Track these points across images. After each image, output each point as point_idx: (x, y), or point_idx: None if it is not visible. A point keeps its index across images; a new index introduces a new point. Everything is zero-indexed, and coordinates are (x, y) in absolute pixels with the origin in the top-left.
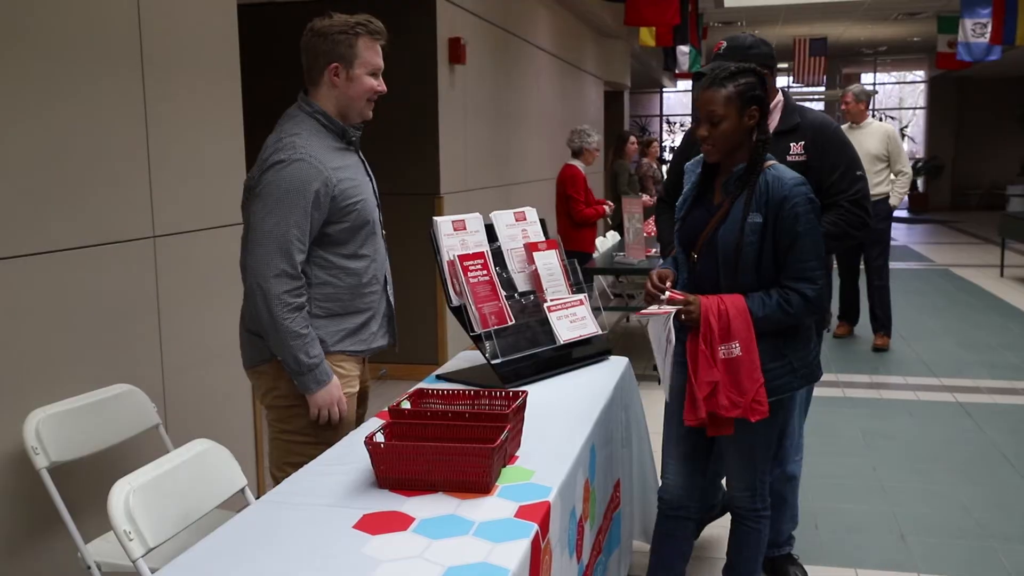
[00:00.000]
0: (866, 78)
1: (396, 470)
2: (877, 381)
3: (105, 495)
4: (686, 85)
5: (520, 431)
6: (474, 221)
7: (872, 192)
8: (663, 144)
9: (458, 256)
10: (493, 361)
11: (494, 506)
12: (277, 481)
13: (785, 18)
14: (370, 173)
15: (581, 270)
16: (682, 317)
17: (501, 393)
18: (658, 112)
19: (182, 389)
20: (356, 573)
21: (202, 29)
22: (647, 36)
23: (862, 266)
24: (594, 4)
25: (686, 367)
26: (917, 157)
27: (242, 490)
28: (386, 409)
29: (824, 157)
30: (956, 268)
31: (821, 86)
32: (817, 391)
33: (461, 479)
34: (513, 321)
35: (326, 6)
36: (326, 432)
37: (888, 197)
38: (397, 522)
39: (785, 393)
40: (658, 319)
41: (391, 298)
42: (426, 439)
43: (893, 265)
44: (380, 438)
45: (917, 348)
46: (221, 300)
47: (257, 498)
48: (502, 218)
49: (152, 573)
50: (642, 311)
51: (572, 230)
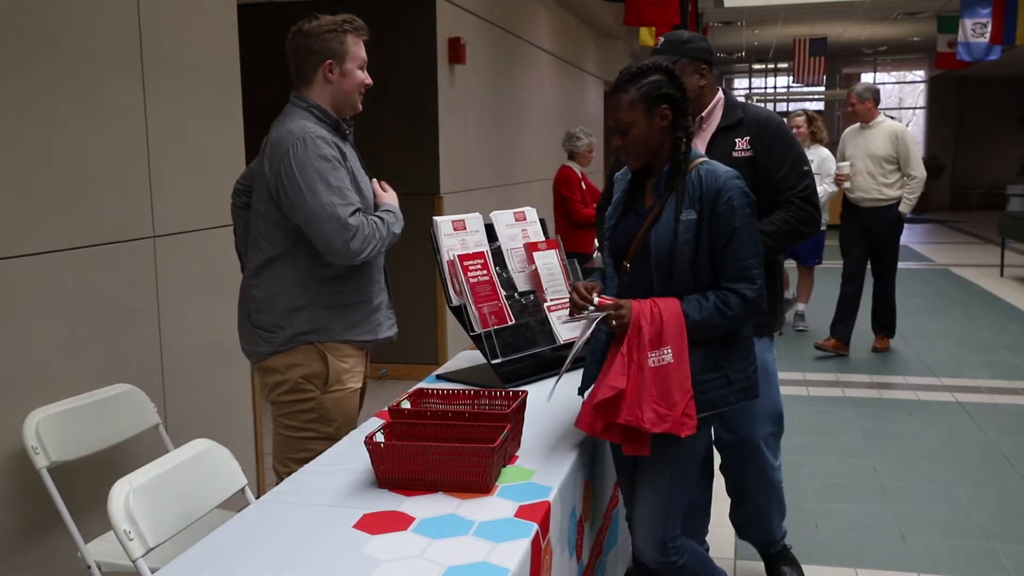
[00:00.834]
0: (866, 78)
1: (396, 470)
2: (877, 381)
3: (105, 495)
4: None
5: (520, 431)
6: (474, 221)
7: (880, 196)
8: None
9: (458, 256)
10: (493, 361)
11: (494, 506)
12: (279, 476)
13: (785, 18)
14: (364, 165)
15: (581, 270)
16: (612, 323)
17: (501, 393)
18: None
19: (182, 389)
20: (356, 573)
21: (202, 29)
22: (647, 36)
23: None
24: (594, 4)
25: None
26: None
27: (242, 490)
28: (386, 409)
29: (771, 153)
30: (956, 268)
31: (821, 86)
32: (817, 391)
33: (461, 479)
34: (513, 321)
35: (326, 6)
36: (330, 428)
37: (898, 203)
38: (397, 522)
39: (719, 408)
40: (582, 331)
41: (390, 291)
42: (426, 439)
43: None
44: (380, 438)
45: (917, 348)
46: (221, 300)
47: (257, 498)
48: (502, 218)
49: (152, 573)
50: (567, 320)
51: (570, 231)
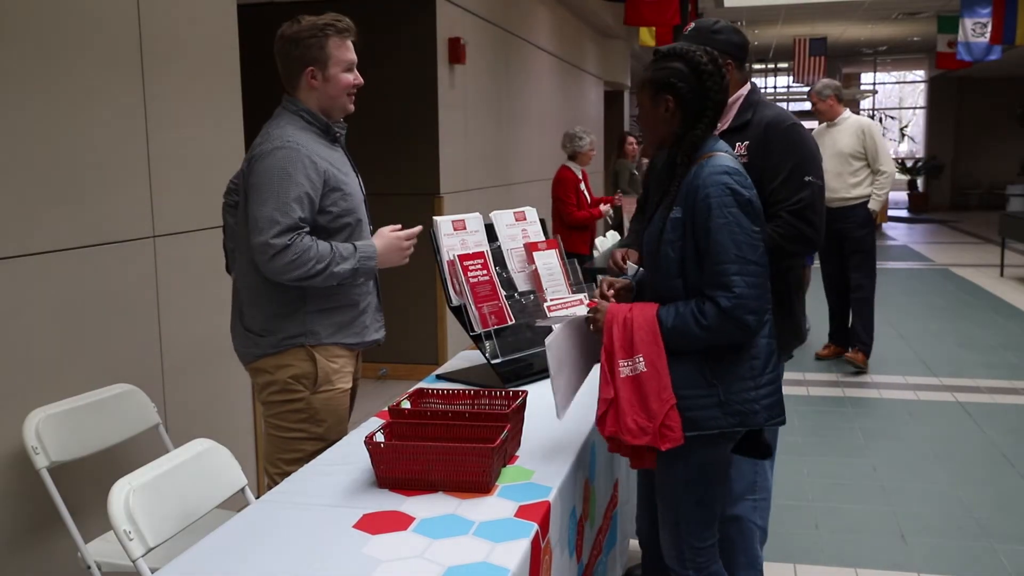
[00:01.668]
0: (866, 78)
1: (396, 470)
2: (877, 381)
3: (105, 495)
4: None
5: (520, 431)
6: (474, 221)
7: (848, 195)
8: None
9: (458, 256)
10: (493, 361)
11: (494, 506)
12: (270, 477)
13: (785, 18)
14: (355, 169)
15: (581, 271)
16: (590, 327)
17: (501, 393)
18: None
19: (182, 389)
20: (356, 573)
21: (202, 29)
22: (647, 36)
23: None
24: (594, 4)
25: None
26: (917, 157)
27: (242, 490)
28: (386, 409)
29: (768, 158)
30: (956, 268)
31: None
32: (817, 391)
33: (461, 479)
34: (513, 321)
35: (325, 6)
36: (320, 428)
37: (868, 200)
38: (397, 522)
39: (708, 430)
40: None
41: (379, 293)
42: (426, 439)
43: (893, 265)
44: (380, 438)
45: (917, 348)
46: (221, 300)
47: (257, 498)
48: (502, 218)
49: (152, 573)
50: (550, 316)
51: (564, 232)
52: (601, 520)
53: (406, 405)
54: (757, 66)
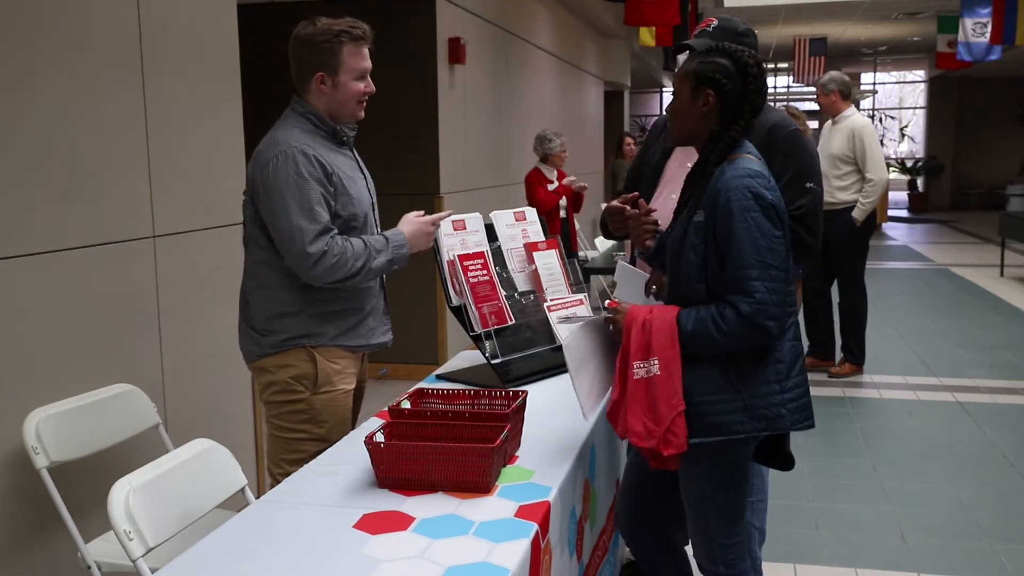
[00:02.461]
0: (866, 78)
1: (396, 470)
2: (877, 381)
3: (105, 495)
4: None
5: (520, 431)
6: (474, 221)
7: (830, 200)
8: None
9: (458, 256)
10: (493, 361)
11: (494, 506)
12: (273, 477)
13: (785, 18)
14: (365, 171)
15: (581, 270)
16: (611, 327)
17: (501, 393)
18: (658, 112)
19: (182, 389)
20: (356, 573)
21: (202, 29)
22: (647, 36)
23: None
24: (594, 4)
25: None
26: (917, 157)
27: (242, 490)
28: (386, 409)
29: (770, 163)
30: (956, 268)
31: None
32: (817, 391)
33: (461, 479)
34: (513, 321)
35: (326, 6)
36: (321, 429)
37: (852, 208)
38: (397, 522)
39: (733, 435)
40: (578, 329)
41: (386, 296)
42: (426, 439)
43: (893, 265)
44: (380, 438)
45: (917, 348)
46: (221, 300)
47: (257, 498)
48: (502, 218)
49: (152, 573)
50: (564, 320)
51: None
52: (604, 520)
53: (406, 405)
54: None
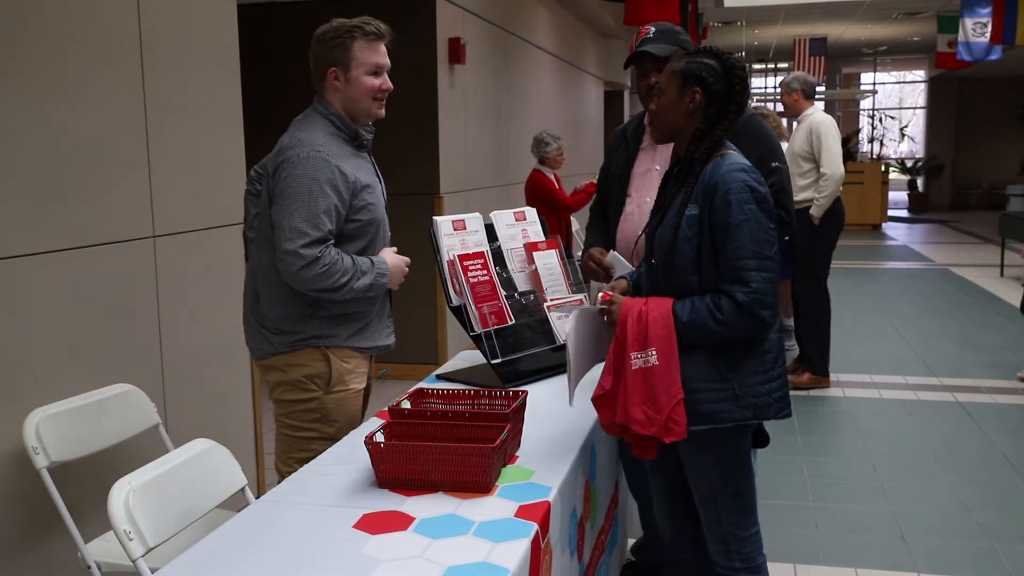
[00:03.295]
0: (866, 78)
1: (396, 470)
2: (877, 381)
3: (105, 495)
4: None
5: (520, 431)
6: (474, 221)
7: (795, 198)
8: None
9: (458, 256)
10: (493, 361)
11: (494, 506)
12: (282, 475)
13: (785, 18)
14: (380, 176)
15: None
16: (604, 318)
17: (501, 393)
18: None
19: (182, 389)
20: (356, 573)
21: (202, 29)
22: None
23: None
24: (594, 4)
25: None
26: (917, 157)
27: (242, 490)
28: (386, 409)
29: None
30: (956, 268)
31: (821, 86)
32: (817, 391)
33: (461, 479)
34: (513, 321)
35: (326, 6)
36: (332, 428)
37: (811, 205)
38: (397, 522)
39: (723, 423)
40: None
41: (391, 300)
42: (426, 439)
43: (893, 265)
44: (380, 438)
45: (917, 348)
46: (221, 300)
47: (257, 498)
48: (502, 218)
49: (152, 573)
50: (564, 316)
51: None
52: (603, 520)
53: (406, 405)
54: (757, 66)
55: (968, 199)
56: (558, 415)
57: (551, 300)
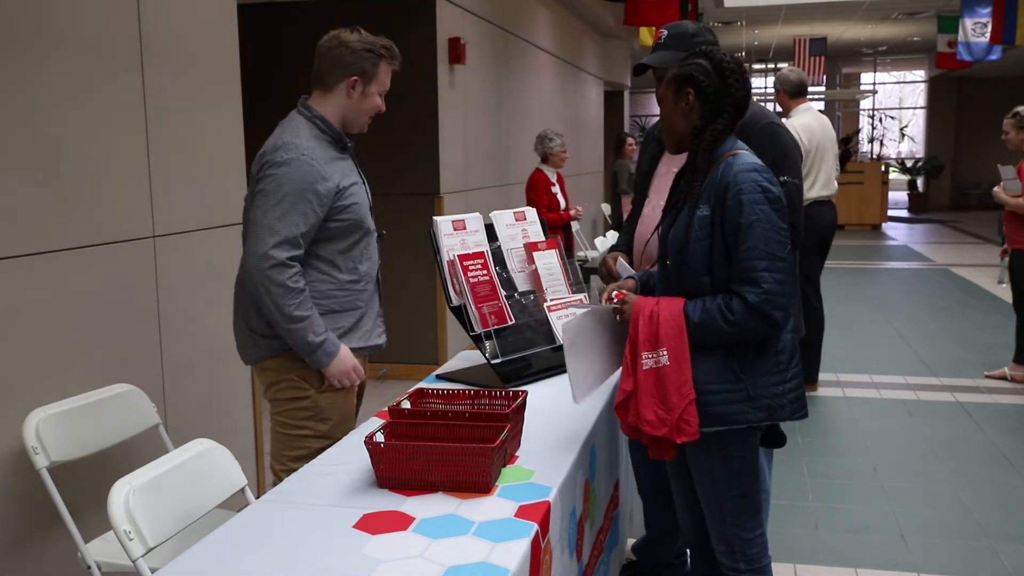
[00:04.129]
0: (866, 78)
1: (396, 470)
2: (877, 381)
3: (105, 495)
4: None
5: (520, 431)
6: (474, 221)
7: None
8: None
9: (458, 256)
10: (493, 361)
11: (494, 506)
12: (276, 474)
13: (785, 18)
14: (363, 176)
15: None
16: (617, 318)
17: (501, 393)
18: (658, 112)
19: (182, 389)
20: (356, 573)
21: (202, 29)
22: (647, 36)
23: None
24: (594, 4)
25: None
26: (917, 157)
27: (242, 490)
28: (386, 409)
29: None
30: (956, 268)
31: (821, 86)
32: (817, 391)
33: (461, 479)
34: (513, 321)
35: (326, 7)
36: (325, 426)
37: None
38: (397, 522)
39: (737, 424)
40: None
41: (381, 299)
42: (426, 439)
43: (893, 265)
44: (380, 438)
45: (917, 348)
46: (221, 300)
47: (257, 498)
48: (502, 218)
49: (152, 573)
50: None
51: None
52: (602, 520)
53: (406, 405)
54: (757, 66)
55: (968, 199)
56: (558, 415)
57: (551, 300)
